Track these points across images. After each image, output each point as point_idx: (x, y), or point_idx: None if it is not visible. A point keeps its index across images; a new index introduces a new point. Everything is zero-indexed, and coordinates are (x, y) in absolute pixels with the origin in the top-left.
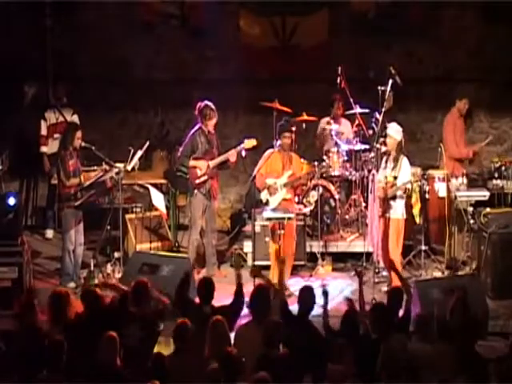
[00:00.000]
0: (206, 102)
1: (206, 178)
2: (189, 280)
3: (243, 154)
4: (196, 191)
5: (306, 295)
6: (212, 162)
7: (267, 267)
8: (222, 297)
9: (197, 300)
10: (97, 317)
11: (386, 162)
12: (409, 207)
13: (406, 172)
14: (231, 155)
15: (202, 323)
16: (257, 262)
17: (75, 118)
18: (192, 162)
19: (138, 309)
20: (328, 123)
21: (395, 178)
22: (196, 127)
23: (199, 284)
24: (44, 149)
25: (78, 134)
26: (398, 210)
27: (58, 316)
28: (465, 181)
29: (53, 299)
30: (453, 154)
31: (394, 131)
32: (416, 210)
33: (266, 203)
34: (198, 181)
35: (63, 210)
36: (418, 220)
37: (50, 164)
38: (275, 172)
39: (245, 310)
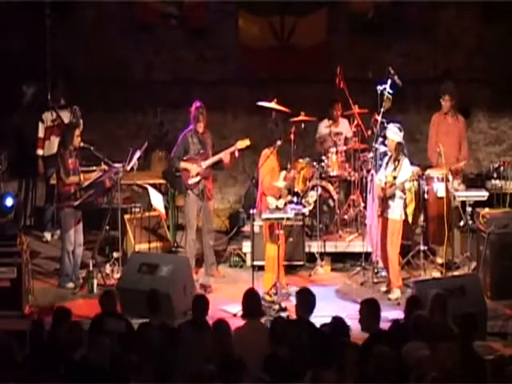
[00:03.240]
0: (198, 103)
1: (198, 178)
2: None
3: (236, 154)
4: (189, 192)
5: (304, 297)
6: (205, 162)
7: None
8: (220, 297)
9: None
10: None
11: (387, 163)
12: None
13: (406, 172)
14: (224, 156)
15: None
16: (256, 263)
17: (79, 117)
18: (183, 164)
19: (154, 317)
20: (329, 126)
21: (394, 178)
22: (189, 128)
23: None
24: (40, 152)
25: (77, 131)
26: (396, 210)
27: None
28: (456, 184)
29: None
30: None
31: (392, 133)
32: (409, 210)
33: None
34: (190, 182)
35: (63, 210)
36: (410, 219)
37: (44, 166)
38: (276, 175)
39: None
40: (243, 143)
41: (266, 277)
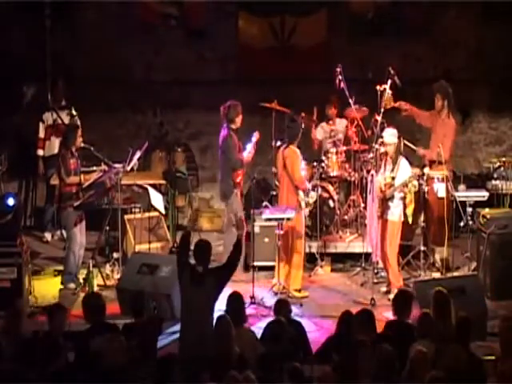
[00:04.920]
0: (228, 103)
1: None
2: (186, 241)
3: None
4: (236, 190)
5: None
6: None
7: (266, 268)
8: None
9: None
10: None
11: (385, 164)
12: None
13: (404, 172)
14: (252, 149)
15: (195, 282)
16: (256, 263)
17: (76, 121)
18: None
19: (136, 320)
20: (327, 125)
21: (393, 178)
22: (226, 130)
23: (195, 246)
24: (40, 152)
25: (79, 132)
26: (395, 212)
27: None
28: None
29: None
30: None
31: (389, 136)
32: (409, 211)
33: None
34: (238, 179)
35: (65, 210)
36: (410, 220)
37: (44, 167)
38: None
39: None
40: (256, 135)
41: (296, 274)
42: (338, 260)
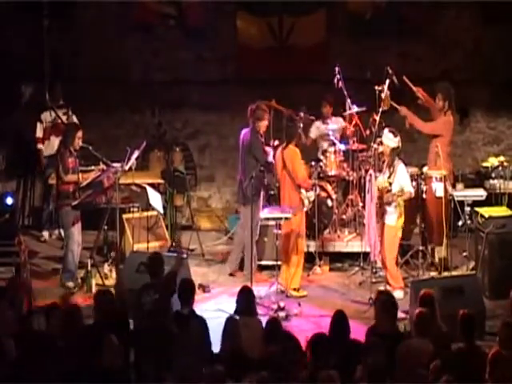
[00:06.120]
0: (258, 102)
1: None
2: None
3: None
4: (261, 195)
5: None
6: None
7: (266, 267)
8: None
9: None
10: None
11: (387, 165)
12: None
13: (401, 178)
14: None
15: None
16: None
17: (74, 119)
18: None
19: (153, 279)
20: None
21: (390, 184)
22: (251, 131)
23: (179, 287)
24: (40, 146)
25: (79, 133)
26: (392, 216)
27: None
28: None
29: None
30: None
31: (387, 139)
32: (399, 223)
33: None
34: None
35: (63, 209)
36: (399, 234)
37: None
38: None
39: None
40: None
41: (295, 273)
42: (336, 259)
